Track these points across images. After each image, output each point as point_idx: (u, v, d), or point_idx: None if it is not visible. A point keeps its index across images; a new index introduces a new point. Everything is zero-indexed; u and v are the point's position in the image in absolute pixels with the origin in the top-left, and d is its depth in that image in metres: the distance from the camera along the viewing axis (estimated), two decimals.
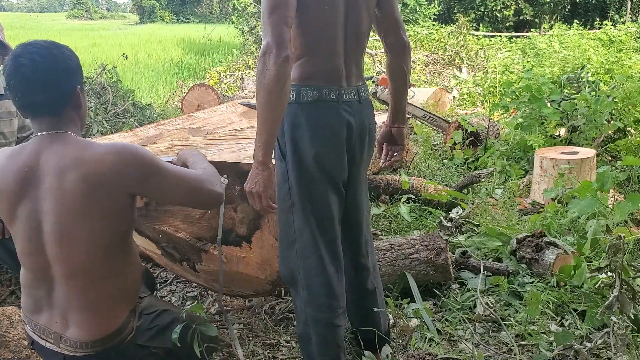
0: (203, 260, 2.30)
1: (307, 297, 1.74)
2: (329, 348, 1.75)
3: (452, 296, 2.58)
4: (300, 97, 1.65)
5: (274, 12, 1.48)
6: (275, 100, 1.48)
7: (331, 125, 1.68)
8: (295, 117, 1.67)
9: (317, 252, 1.72)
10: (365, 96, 1.80)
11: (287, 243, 1.77)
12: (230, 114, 3.88)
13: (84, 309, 1.47)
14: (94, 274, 1.46)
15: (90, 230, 1.42)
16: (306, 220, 1.71)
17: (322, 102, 1.66)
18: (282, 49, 1.45)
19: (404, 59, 1.87)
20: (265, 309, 2.53)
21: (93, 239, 1.44)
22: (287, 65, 1.47)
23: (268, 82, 1.45)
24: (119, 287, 1.53)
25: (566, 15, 15.52)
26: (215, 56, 13.77)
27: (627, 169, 3.94)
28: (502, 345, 2.23)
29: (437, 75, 10.48)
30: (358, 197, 1.89)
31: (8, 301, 2.68)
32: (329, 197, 1.73)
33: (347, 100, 1.71)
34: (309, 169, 1.68)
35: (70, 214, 1.40)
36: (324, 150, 1.67)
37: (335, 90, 1.68)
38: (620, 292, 2.03)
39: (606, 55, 8.80)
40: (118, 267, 1.51)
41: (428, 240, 2.67)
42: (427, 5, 14.83)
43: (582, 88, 5.17)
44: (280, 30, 1.46)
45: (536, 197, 3.92)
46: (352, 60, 1.73)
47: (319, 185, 1.70)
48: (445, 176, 4.63)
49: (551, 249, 2.73)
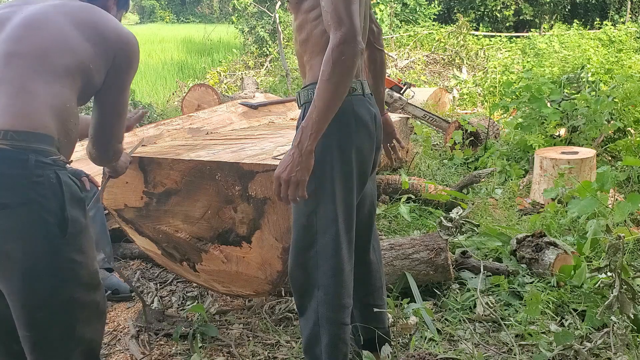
0: (203, 260, 2.30)
1: (323, 297, 1.69)
2: (339, 348, 1.73)
3: (452, 296, 2.58)
4: None
5: (353, 3, 1.48)
6: (343, 91, 1.50)
7: (364, 119, 1.66)
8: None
9: (338, 252, 1.67)
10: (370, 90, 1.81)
11: (304, 246, 1.70)
12: (230, 114, 3.88)
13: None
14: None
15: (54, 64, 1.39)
16: (334, 220, 1.65)
17: (351, 96, 1.63)
18: (359, 41, 1.47)
19: (381, 43, 1.94)
20: (265, 309, 2.53)
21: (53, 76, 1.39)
22: (360, 59, 1.52)
23: (342, 72, 1.46)
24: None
25: (566, 15, 15.51)
26: (215, 56, 13.75)
27: (627, 169, 3.94)
28: (502, 345, 2.23)
29: (437, 75, 10.48)
30: (373, 190, 1.91)
31: None
32: (358, 194, 1.71)
33: (368, 93, 1.72)
34: (344, 168, 1.64)
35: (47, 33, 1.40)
36: (361, 146, 1.66)
37: (359, 83, 1.67)
38: (620, 292, 2.03)
39: (606, 55, 8.80)
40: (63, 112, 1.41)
41: (428, 240, 2.67)
42: (427, 5, 14.82)
43: (582, 88, 5.17)
44: (357, 22, 1.47)
45: (536, 197, 3.92)
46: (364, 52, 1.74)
47: (353, 183, 1.67)
48: (445, 176, 4.63)
49: (551, 249, 2.73)
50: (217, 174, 2.11)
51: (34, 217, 1.27)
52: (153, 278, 2.97)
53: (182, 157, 2.23)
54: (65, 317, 1.36)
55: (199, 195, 2.18)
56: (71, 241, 1.32)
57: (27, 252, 1.28)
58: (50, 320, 1.34)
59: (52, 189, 1.29)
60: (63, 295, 1.34)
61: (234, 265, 2.23)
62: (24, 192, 1.26)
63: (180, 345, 2.29)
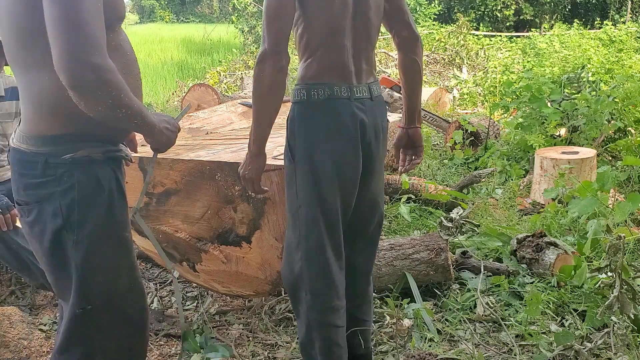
0: (203, 260, 2.30)
1: (311, 300, 1.70)
2: (333, 351, 1.72)
3: (453, 296, 2.57)
4: (311, 96, 1.63)
5: (274, 22, 1.53)
6: (267, 107, 1.61)
7: (345, 124, 1.64)
8: (308, 117, 1.65)
9: (323, 255, 1.68)
10: (377, 93, 1.75)
11: (294, 246, 1.72)
12: (230, 114, 3.88)
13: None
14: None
15: None
16: (315, 221, 1.66)
17: (334, 100, 1.63)
18: (278, 59, 1.54)
19: (417, 52, 1.82)
20: (265, 309, 2.53)
21: None
22: (282, 74, 1.57)
23: (262, 90, 1.58)
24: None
25: (566, 15, 15.51)
26: (215, 56, 13.75)
27: (627, 169, 3.94)
28: (503, 346, 2.23)
29: (437, 75, 10.47)
30: (373, 195, 1.83)
31: (8, 301, 2.68)
32: (339, 198, 1.69)
33: (359, 97, 1.67)
34: (321, 170, 1.64)
35: None
36: (339, 149, 1.64)
37: (347, 87, 1.64)
38: (621, 292, 2.03)
39: (606, 55, 8.79)
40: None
41: (428, 240, 2.67)
42: (427, 5, 14.83)
43: (582, 88, 5.17)
44: (278, 40, 1.54)
45: (536, 197, 3.92)
46: (361, 56, 1.68)
47: (331, 186, 1.66)
48: (445, 176, 4.62)
49: (551, 249, 2.73)
50: (217, 174, 2.11)
51: (45, 216, 1.32)
52: (153, 278, 2.97)
53: (181, 157, 2.22)
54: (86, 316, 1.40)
55: (199, 195, 2.18)
56: (80, 241, 1.32)
57: (37, 249, 1.38)
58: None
59: (62, 187, 1.30)
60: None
61: (234, 265, 2.23)
62: (37, 191, 1.31)
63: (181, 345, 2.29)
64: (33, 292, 2.71)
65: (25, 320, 2.34)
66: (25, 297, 2.71)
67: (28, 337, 2.25)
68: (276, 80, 1.56)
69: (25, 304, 2.64)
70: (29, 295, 2.70)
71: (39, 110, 1.30)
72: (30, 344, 2.22)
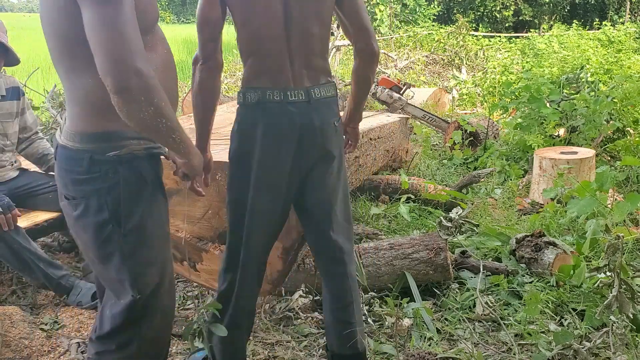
0: (203, 259, 2.31)
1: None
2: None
3: (452, 296, 2.58)
4: (245, 99, 1.68)
5: (202, 30, 1.65)
6: (198, 105, 1.73)
7: (276, 126, 1.67)
8: (242, 119, 1.71)
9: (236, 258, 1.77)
10: (320, 96, 1.72)
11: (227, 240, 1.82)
12: (230, 114, 3.88)
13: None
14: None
15: None
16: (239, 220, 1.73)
17: (264, 103, 1.66)
18: (206, 61, 1.67)
19: (372, 67, 1.85)
20: (265, 308, 2.54)
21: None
22: (210, 78, 1.69)
23: (195, 90, 1.71)
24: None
25: (565, 15, 15.54)
26: None
27: (626, 169, 3.95)
28: (502, 345, 2.24)
29: (436, 75, 10.49)
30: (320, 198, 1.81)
31: (9, 301, 2.69)
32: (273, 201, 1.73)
33: (293, 101, 1.67)
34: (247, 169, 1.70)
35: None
36: (268, 151, 1.67)
37: (280, 91, 1.66)
38: (619, 291, 2.04)
39: (605, 56, 8.81)
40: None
41: (428, 240, 2.67)
42: (426, 5, 14.85)
43: (581, 88, 5.18)
44: (205, 45, 1.66)
45: (535, 197, 3.93)
46: (301, 61, 1.68)
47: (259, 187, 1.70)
48: (444, 176, 4.63)
49: (550, 248, 2.74)
50: (218, 174, 2.12)
51: (92, 210, 1.36)
52: None
53: None
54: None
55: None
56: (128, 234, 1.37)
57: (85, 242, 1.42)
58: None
59: (108, 183, 1.34)
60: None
61: None
62: (83, 187, 1.35)
63: (181, 345, 2.29)
64: (34, 291, 2.71)
65: (26, 319, 2.35)
66: (27, 296, 2.71)
67: (29, 336, 2.25)
68: (205, 82, 1.68)
69: (26, 304, 2.65)
70: (30, 294, 2.71)
71: (83, 110, 1.34)
72: (31, 343, 2.23)
